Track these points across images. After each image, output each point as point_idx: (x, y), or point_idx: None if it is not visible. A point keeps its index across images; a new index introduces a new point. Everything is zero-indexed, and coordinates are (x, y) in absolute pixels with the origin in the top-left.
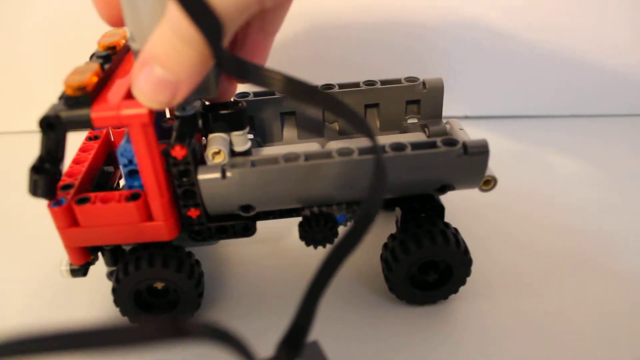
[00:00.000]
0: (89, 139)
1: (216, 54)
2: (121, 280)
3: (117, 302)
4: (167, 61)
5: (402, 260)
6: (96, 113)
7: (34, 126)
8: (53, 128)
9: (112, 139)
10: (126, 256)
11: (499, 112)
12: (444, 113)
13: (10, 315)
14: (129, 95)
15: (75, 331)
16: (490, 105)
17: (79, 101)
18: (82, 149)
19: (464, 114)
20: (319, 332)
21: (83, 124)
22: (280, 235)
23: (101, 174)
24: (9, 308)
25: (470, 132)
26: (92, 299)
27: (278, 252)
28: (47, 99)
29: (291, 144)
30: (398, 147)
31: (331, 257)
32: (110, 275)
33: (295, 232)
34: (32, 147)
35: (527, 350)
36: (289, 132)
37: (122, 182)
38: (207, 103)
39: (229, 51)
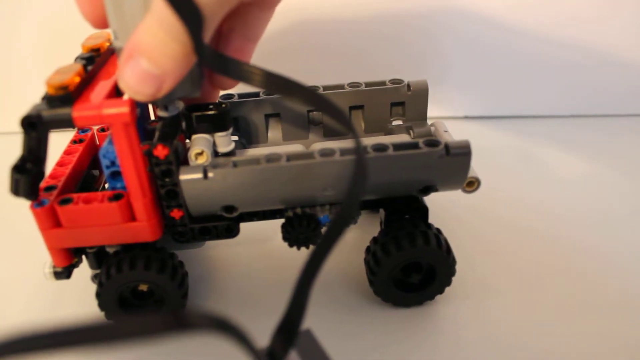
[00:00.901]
0: (74, 142)
1: (197, 46)
2: (104, 284)
3: (102, 306)
4: (153, 54)
5: (383, 264)
6: (78, 112)
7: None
8: (35, 127)
9: (97, 143)
10: (107, 261)
11: (499, 112)
12: (444, 113)
13: (10, 315)
14: (111, 95)
15: (77, 327)
16: (490, 105)
17: (60, 100)
18: (67, 152)
19: (463, 114)
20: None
21: (64, 123)
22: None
23: (86, 177)
24: (9, 308)
25: (470, 132)
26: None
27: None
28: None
29: (276, 146)
30: (380, 147)
31: (316, 252)
32: (94, 278)
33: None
34: None
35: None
36: (274, 133)
37: (107, 185)
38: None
39: None
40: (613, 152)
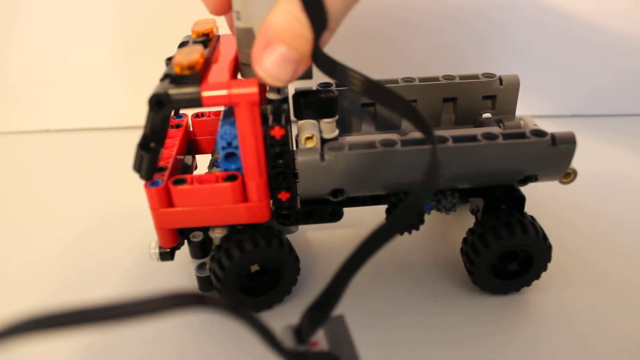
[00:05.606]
0: (171, 127)
1: (313, 49)
2: (225, 266)
3: (224, 290)
4: (293, 40)
5: (493, 247)
6: (207, 92)
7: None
8: (162, 106)
9: (192, 129)
10: (224, 244)
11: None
12: None
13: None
14: (232, 77)
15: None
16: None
17: (188, 80)
18: (167, 136)
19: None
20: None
21: (192, 102)
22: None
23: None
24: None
25: None
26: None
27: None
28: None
29: (369, 135)
30: (490, 136)
31: (372, 237)
32: (199, 269)
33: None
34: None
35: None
36: (367, 123)
37: (195, 172)
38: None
39: None
40: None
